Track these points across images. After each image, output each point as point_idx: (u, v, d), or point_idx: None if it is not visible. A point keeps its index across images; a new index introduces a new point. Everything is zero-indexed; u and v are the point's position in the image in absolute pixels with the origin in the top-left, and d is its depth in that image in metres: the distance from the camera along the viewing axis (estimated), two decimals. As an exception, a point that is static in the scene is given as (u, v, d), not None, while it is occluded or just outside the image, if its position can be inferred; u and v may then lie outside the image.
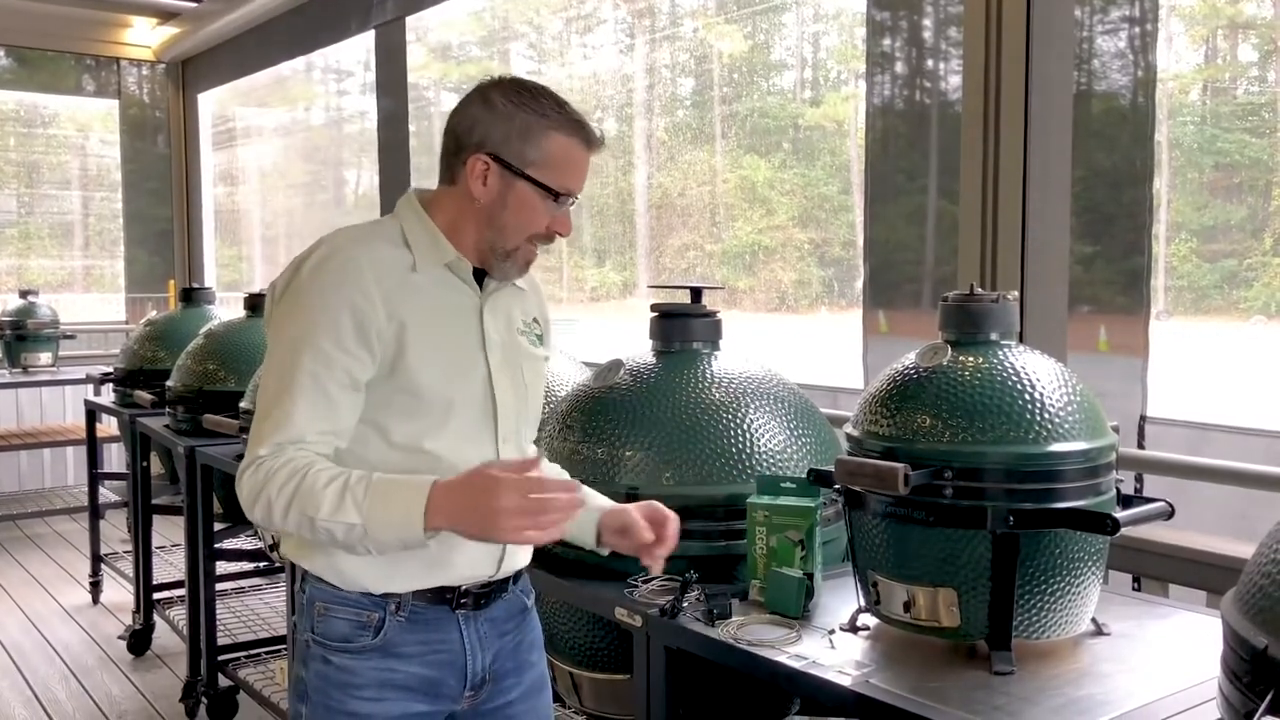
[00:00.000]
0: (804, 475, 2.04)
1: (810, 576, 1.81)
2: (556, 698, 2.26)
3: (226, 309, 4.81)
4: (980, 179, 2.49)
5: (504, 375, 1.65)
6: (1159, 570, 2.09)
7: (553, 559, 2.05)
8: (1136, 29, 2.49)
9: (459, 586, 1.64)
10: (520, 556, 1.74)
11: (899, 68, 2.93)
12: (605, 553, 1.75)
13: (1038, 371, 1.62)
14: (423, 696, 1.63)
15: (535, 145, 1.57)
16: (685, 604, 1.80)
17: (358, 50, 6.86)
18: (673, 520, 1.66)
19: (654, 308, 2.24)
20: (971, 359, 1.63)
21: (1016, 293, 1.69)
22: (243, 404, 3.26)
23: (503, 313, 1.68)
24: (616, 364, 2.19)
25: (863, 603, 1.73)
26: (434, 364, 1.57)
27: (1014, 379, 1.59)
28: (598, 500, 1.77)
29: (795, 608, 1.78)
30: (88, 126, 7.83)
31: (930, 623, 1.60)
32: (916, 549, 1.59)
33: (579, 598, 2.00)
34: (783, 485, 1.94)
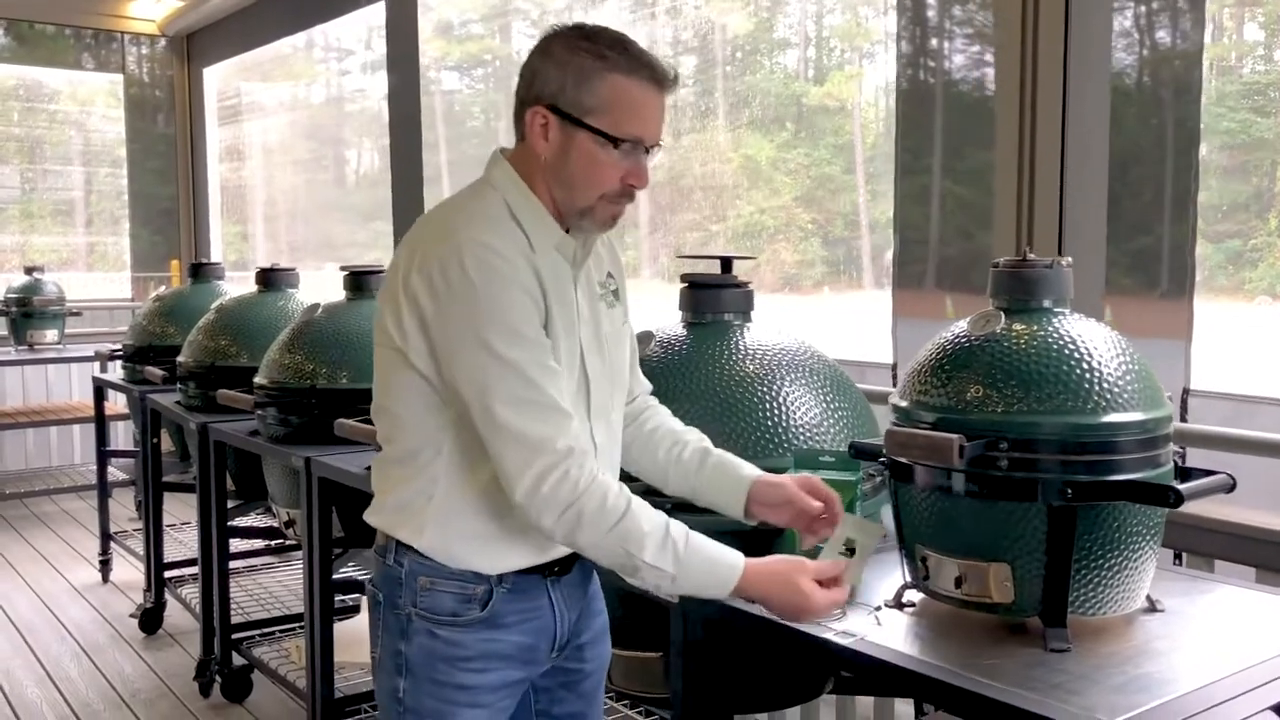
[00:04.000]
0: (841, 448, 2.00)
1: (852, 552, 1.76)
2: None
3: (233, 286, 4.75)
4: (1016, 150, 2.44)
5: (593, 350, 1.62)
6: (1205, 545, 2.04)
7: (583, 534, 2.00)
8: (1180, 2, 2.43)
9: (559, 557, 1.65)
10: None
11: (930, 43, 2.86)
12: (753, 523, 1.73)
13: (1093, 340, 1.56)
14: (519, 664, 1.64)
15: (591, 90, 1.49)
16: (723, 579, 1.75)
17: (359, 28, 6.77)
18: (835, 497, 1.65)
19: (684, 278, 2.19)
20: (1025, 327, 1.58)
21: (1070, 258, 1.63)
22: (257, 379, 3.21)
23: (585, 280, 1.64)
24: (646, 335, 2.14)
25: (909, 578, 1.68)
26: (558, 349, 1.54)
27: (1070, 347, 1.54)
28: (742, 467, 1.73)
29: (838, 583, 1.73)
30: (90, 102, 7.76)
31: (982, 599, 1.55)
32: (969, 523, 1.54)
33: (611, 573, 1.95)
34: (821, 459, 1.89)
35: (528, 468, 1.45)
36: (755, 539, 1.93)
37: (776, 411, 2.01)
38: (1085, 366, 1.52)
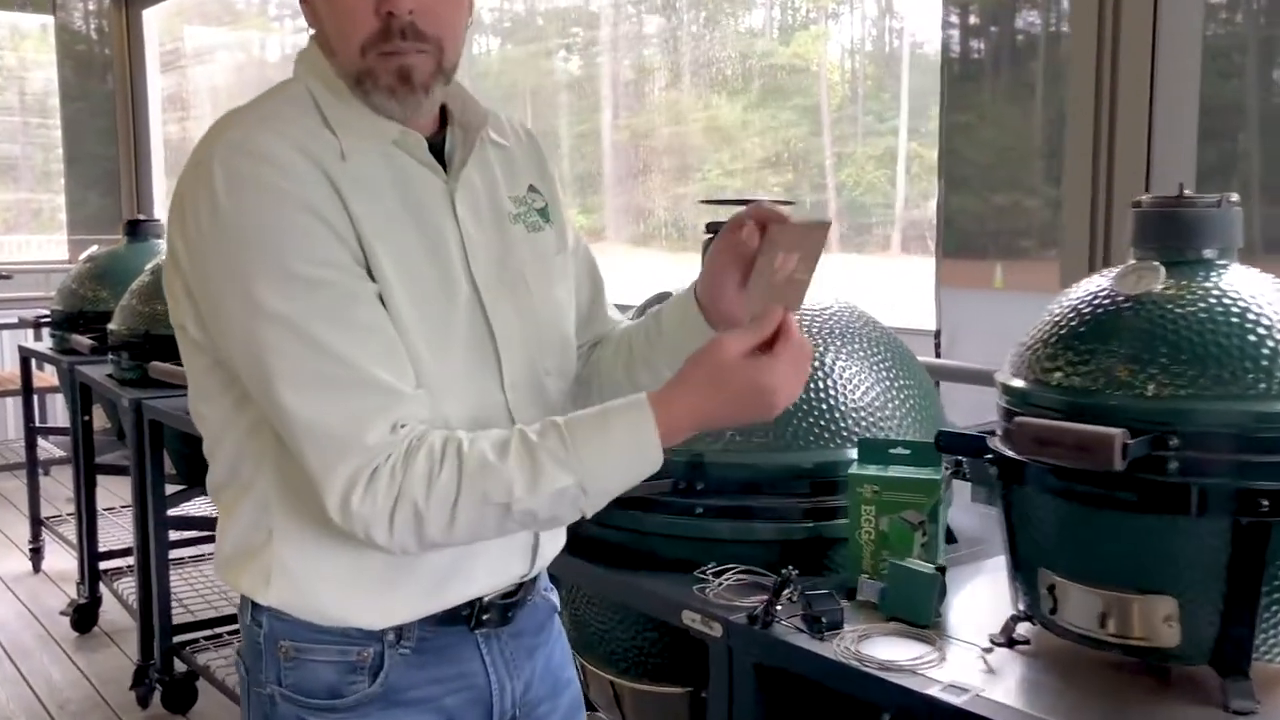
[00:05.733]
0: (915, 437, 1.63)
1: (943, 571, 1.40)
2: (592, 707, 1.85)
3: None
4: (1093, 85, 2.06)
5: (499, 292, 1.15)
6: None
7: (593, 544, 1.62)
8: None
9: (480, 598, 1.20)
10: (558, 539, 1.30)
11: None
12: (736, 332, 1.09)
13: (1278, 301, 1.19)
14: None
15: None
16: (779, 607, 1.38)
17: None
18: (782, 215, 1.10)
19: (709, 228, 1.80)
20: (1187, 284, 1.20)
21: (1237, 195, 1.26)
22: None
23: (484, 195, 1.17)
24: (665, 297, 1.75)
25: (1023, 608, 1.31)
26: (402, 293, 1.07)
27: (1254, 311, 1.16)
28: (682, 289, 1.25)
29: (927, 613, 1.36)
30: (19, 48, 7.18)
31: (1137, 640, 1.19)
32: (1121, 544, 1.17)
33: (634, 596, 1.57)
34: (891, 451, 1.52)
35: (330, 473, 1.02)
36: (808, 550, 1.57)
37: (828, 391, 1.64)
38: (1278, 337, 1.15)
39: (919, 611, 1.37)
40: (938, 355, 2.39)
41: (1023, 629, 1.32)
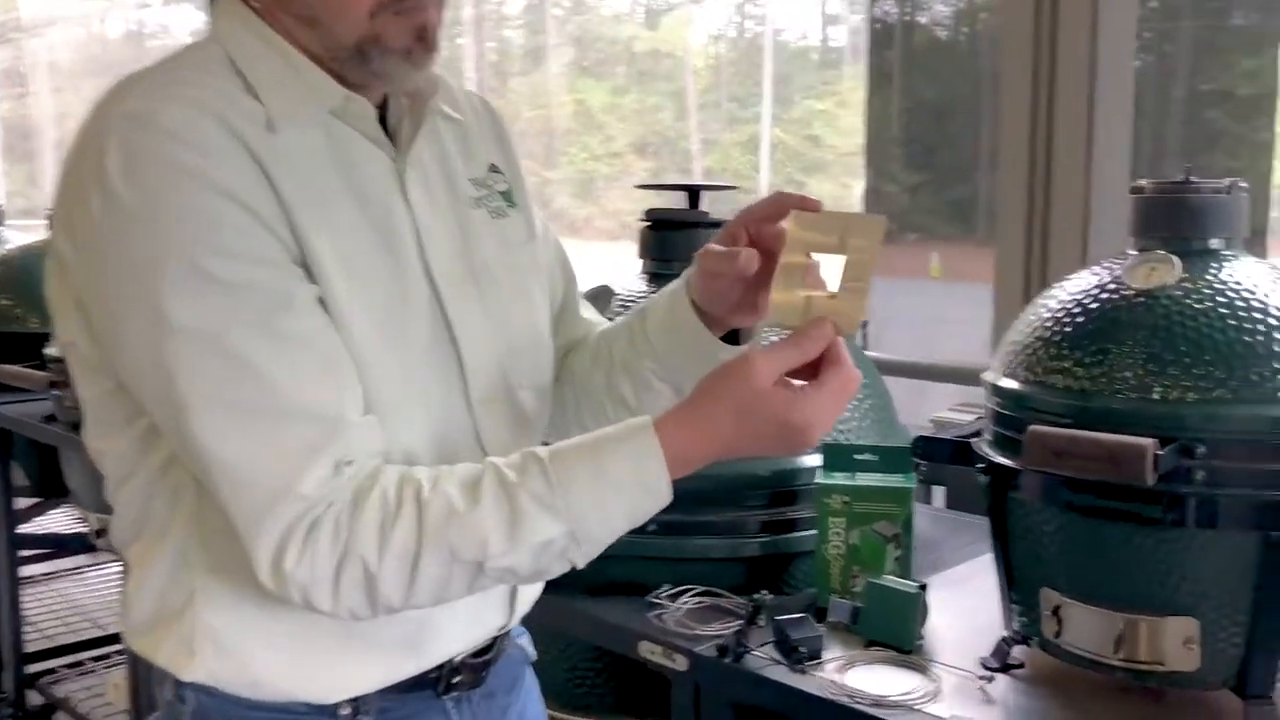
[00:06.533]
0: (873, 440, 1.52)
1: (925, 589, 1.29)
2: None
3: (18, 234, 3.97)
4: (1030, 67, 1.99)
5: (462, 290, 0.97)
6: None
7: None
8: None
9: (450, 659, 1.03)
10: (535, 587, 1.14)
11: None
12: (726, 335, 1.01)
13: (1295, 294, 1.11)
14: None
15: None
16: (750, 635, 1.25)
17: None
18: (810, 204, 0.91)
19: (648, 215, 1.66)
20: (1201, 276, 1.11)
21: (1243, 180, 1.18)
22: (48, 350, 2.52)
23: (438, 176, 0.99)
24: (604, 292, 1.61)
25: (1016, 629, 1.21)
26: (348, 294, 0.89)
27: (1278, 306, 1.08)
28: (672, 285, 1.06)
29: (910, 636, 1.25)
30: None
31: (1151, 664, 1.09)
32: (1138, 561, 1.07)
33: (581, 625, 1.42)
34: (857, 458, 1.41)
35: (257, 528, 0.83)
36: (766, 566, 1.44)
37: (782, 392, 1.51)
38: (1302, 333, 1.07)
39: (901, 635, 1.25)
40: (864, 347, 2.29)
41: (1016, 651, 1.21)
